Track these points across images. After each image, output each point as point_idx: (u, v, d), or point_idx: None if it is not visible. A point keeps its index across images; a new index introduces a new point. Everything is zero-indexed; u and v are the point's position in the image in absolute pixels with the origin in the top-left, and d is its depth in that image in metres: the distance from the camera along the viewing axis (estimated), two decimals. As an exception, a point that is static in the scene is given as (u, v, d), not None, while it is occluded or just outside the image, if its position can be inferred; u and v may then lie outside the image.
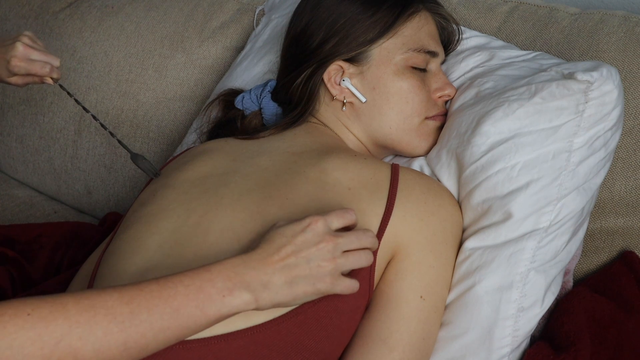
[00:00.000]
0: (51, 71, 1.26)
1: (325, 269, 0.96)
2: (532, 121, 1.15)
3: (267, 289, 0.93)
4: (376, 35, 1.23)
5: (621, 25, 1.37)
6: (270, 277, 0.94)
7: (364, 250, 1.00)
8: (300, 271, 0.95)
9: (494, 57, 1.31)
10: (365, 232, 1.00)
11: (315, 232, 0.97)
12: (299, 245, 0.96)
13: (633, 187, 1.30)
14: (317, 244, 0.96)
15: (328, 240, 0.97)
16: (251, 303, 0.93)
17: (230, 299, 0.92)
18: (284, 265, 0.95)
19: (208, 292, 0.91)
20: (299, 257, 0.95)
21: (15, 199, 1.83)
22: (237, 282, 0.92)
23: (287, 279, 0.94)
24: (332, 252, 0.97)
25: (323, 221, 0.98)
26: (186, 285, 0.91)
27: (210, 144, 1.27)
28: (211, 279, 0.92)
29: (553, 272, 1.14)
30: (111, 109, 1.75)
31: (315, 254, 0.96)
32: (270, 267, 0.94)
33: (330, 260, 0.96)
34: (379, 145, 1.26)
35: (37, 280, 1.42)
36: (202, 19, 1.72)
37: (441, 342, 1.13)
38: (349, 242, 0.98)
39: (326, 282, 0.96)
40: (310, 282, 0.96)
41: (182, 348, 0.98)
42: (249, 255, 0.95)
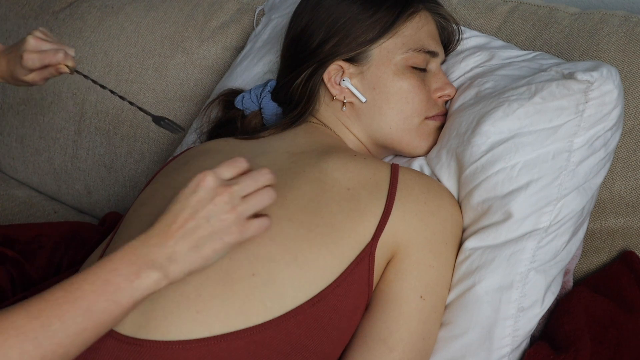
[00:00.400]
0: (65, 58, 1.21)
1: (228, 221, 0.94)
2: (532, 121, 1.15)
3: (174, 260, 0.92)
4: (376, 35, 1.23)
5: (621, 25, 1.37)
6: (173, 248, 0.92)
7: (264, 189, 0.97)
8: (202, 232, 0.93)
9: (494, 57, 1.31)
10: (259, 171, 0.97)
11: (206, 188, 0.94)
12: (194, 207, 0.93)
13: (633, 187, 1.30)
14: (212, 199, 0.93)
15: (222, 192, 0.94)
16: (162, 279, 0.92)
17: (139, 282, 0.91)
18: (185, 232, 0.93)
19: (115, 282, 0.90)
20: (197, 218, 0.93)
21: (15, 199, 1.83)
22: (142, 263, 0.91)
23: (191, 244, 0.93)
24: (229, 202, 0.94)
25: (212, 174, 0.94)
26: (91, 282, 0.90)
27: (210, 144, 1.27)
28: (115, 268, 0.91)
29: (553, 272, 1.14)
30: (111, 109, 1.75)
31: (213, 210, 0.93)
32: (171, 239, 0.93)
33: (230, 211, 0.94)
34: (379, 145, 1.26)
35: (36, 280, 1.42)
36: (202, 19, 1.72)
37: (441, 342, 1.13)
38: (245, 186, 0.95)
39: (234, 233, 0.94)
40: (217, 238, 0.94)
41: (181, 348, 0.98)
42: (147, 233, 0.94)
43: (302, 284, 1.04)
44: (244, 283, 1.02)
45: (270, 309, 1.01)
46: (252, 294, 1.02)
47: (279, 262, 1.04)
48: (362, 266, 1.08)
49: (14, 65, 1.24)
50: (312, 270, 1.05)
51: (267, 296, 1.02)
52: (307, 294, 1.04)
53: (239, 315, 1.01)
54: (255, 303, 1.01)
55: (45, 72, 1.24)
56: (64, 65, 1.22)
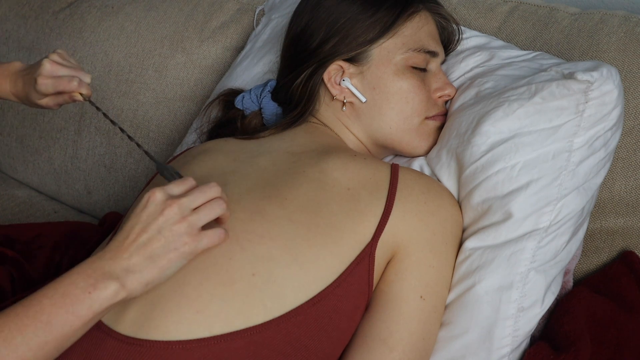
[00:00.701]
0: (79, 86, 1.19)
1: (179, 231, 0.96)
2: (532, 121, 1.15)
3: (131, 272, 0.94)
4: (376, 35, 1.23)
5: (621, 25, 1.37)
6: (128, 261, 0.94)
7: (214, 200, 0.99)
8: (155, 243, 0.95)
9: (494, 57, 1.31)
10: (207, 184, 0.99)
11: (156, 202, 0.96)
12: (145, 221, 0.96)
13: (633, 187, 1.30)
14: (162, 212, 0.96)
15: (171, 204, 0.96)
16: (120, 290, 0.94)
17: (97, 293, 0.92)
18: (138, 245, 0.95)
19: (73, 294, 0.92)
20: (149, 231, 0.95)
21: (15, 199, 1.83)
22: (98, 276, 0.93)
23: (145, 255, 0.95)
24: (179, 213, 0.96)
25: (160, 190, 0.97)
26: (50, 297, 0.92)
27: (210, 144, 1.27)
28: (72, 282, 0.93)
29: (553, 272, 1.14)
30: (111, 109, 1.75)
31: (163, 222, 0.95)
32: (126, 252, 0.95)
33: (180, 221, 0.96)
34: (379, 145, 1.26)
35: (36, 279, 1.42)
36: (202, 19, 1.72)
37: (441, 342, 1.13)
38: (193, 198, 0.97)
39: (187, 243, 0.96)
40: (171, 248, 0.96)
41: (182, 348, 0.98)
42: (103, 250, 0.96)
43: (302, 284, 1.04)
44: (244, 283, 1.02)
45: (270, 309, 1.01)
46: (252, 294, 1.02)
47: (279, 262, 1.04)
48: (362, 266, 1.08)
49: (29, 87, 1.22)
50: (312, 270, 1.05)
51: (267, 296, 1.02)
52: (307, 294, 1.04)
53: (239, 315, 1.01)
54: (256, 303, 1.01)
55: (59, 98, 1.22)
56: (79, 94, 1.20)
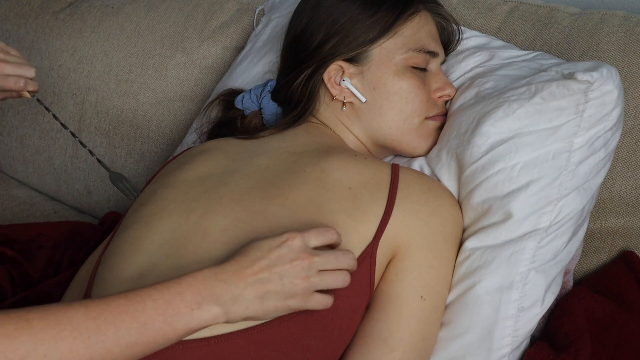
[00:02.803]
0: (26, 85, 1.18)
1: (298, 287, 0.96)
2: (532, 121, 1.15)
3: (238, 302, 0.93)
4: (376, 35, 1.23)
5: (621, 25, 1.37)
6: (241, 291, 0.93)
7: (341, 271, 0.99)
8: (272, 286, 0.94)
9: (494, 57, 1.31)
10: (344, 253, 0.99)
11: (291, 248, 0.96)
12: (273, 260, 0.95)
13: (633, 187, 1.30)
14: (291, 261, 0.95)
15: (303, 257, 0.96)
16: (221, 317, 0.92)
17: (199, 313, 0.91)
18: (256, 280, 0.94)
19: (177, 305, 0.90)
20: (272, 272, 0.94)
21: (15, 199, 1.83)
22: (207, 295, 0.92)
23: (258, 293, 0.94)
24: (306, 270, 0.96)
25: (300, 238, 0.97)
26: (155, 299, 0.90)
27: (210, 143, 1.27)
28: (180, 292, 0.91)
29: (553, 272, 1.14)
30: (111, 109, 1.75)
31: (288, 271, 0.95)
32: (242, 281, 0.94)
33: (303, 278, 0.96)
34: (379, 145, 1.26)
35: (36, 279, 1.42)
36: (202, 19, 1.72)
37: (441, 342, 1.13)
38: (325, 261, 0.97)
39: (297, 299, 0.96)
40: (282, 298, 0.95)
41: (182, 348, 0.98)
42: (221, 267, 0.94)
43: (303, 284, 1.04)
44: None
45: None
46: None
47: (281, 262, 1.04)
48: (364, 266, 1.08)
49: None
50: (313, 270, 1.05)
51: (268, 296, 1.02)
52: (308, 294, 1.04)
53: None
54: (257, 303, 1.01)
55: (6, 93, 1.21)
56: (27, 92, 1.19)
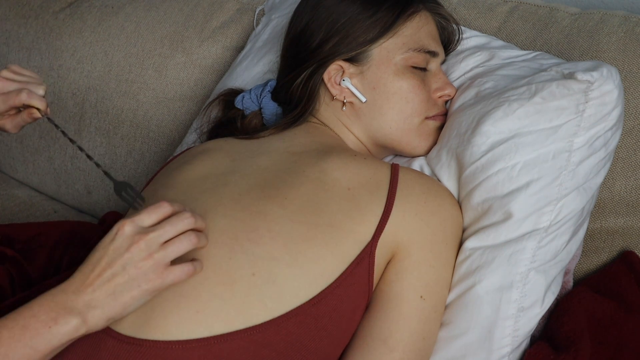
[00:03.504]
0: (29, 97, 1.12)
1: (144, 268, 0.94)
2: (532, 121, 1.15)
3: (93, 307, 0.93)
4: (376, 35, 1.23)
5: (621, 25, 1.37)
6: (91, 296, 0.94)
7: (185, 234, 0.96)
8: (119, 279, 0.94)
9: (494, 57, 1.31)
10: (179, 215, 0.97)
11: (124, 236, 0.95)
12: (111, 255, 0.94)
13: (633, 187, 1.30)
14: (128, 248, 0.94)
15: (138, 239, 0.94)
16: (80, 326, 0.93)
17: (57, 328, 0.92)
18: (102, 280, 0.94)
19: (33, 327, 0.91)
20: (113, 266, 0.94)
21: (15, 199, 1.83)
22: (60, 310, 0.92)
23: (108, 291, 0.94)
24: (146, 249, 0.94)
25: (130, 223, 0.95)
26: (10, 328, 0.91)
27: (210, 143, 1.27)
28: (34, 315, 0.92)
29: (553, 272, 1.14)
30: (111, 109, 1.75)
31: (129, 258, 0.94)
32: (89, 287, 0.94)
33: (146, 258, 0.94)
34: (379, 145, 1.26)
35: (36, 279, 1.41)
36: (202, 19, 1.72)
37: (441, 342, 1.13)
38: (162, 232, 0.95)
39: (152, 280, 0.95)
40: (135, 285, 0.94)
41: (181, 348, 0.98)
42: (67, 282, 0.95)
43: (303, 284, 1.04)
44: (244, 283, 1.02)
45: (270, 309, 1.01)
46: (253, 294, 1.02)
47: (280, 262, 1.04)
48: (363, 266, 1.08)
49: None
50: (312, 270, 1.05)
51: (267, 296, 1.02)
52: (307, 294, 1.04)
53: (239, 315, 1.01)
54: (256, 303, 1.01)
55: (18, 118, 1.15)
56: (36, 110, 1.14)
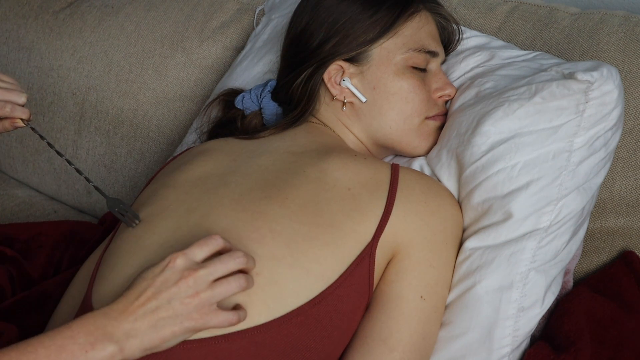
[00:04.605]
0: (13, 110, 1.11)
1: (189, 306, 0.93)
2: (532, 121, 1.15)
3: (132, 336, 0.92)
4: (376, 35, 1.23)
5: (621, 25, 1.37)
6: (132, 325, 0.92)
7: (235, 275, 0.96)
8: (163, 313, 0.93)
9: (494, 57, 1.31)
10: (231, 254, 0.96)
11: (174, 269, 0.94)
12: (158, 287, 0.93)
13: (633, 187, 1.30)
14: (176, 282, 0.93)
15: (187, 275, 0.94)
16: (116, 354, 0.92)
17: (93, 353, 0.91)
18: (146, 310, 0.93)
19: (70, 349, 0.90)
20: (159, 299, 0.93)
21: (15, 199, 1.83)
22: (99, 335, 0.91)
23: (150, 323, 0.93)
24: (193, 287, 0.93)
25: (182, 256, 0.95)
26: (46, 347, 0.90)
27: (210, 143, 1.27)
28: (72, 336, 0.91)
29: (553, 272, 1.14)
30: (111, 109, 1.74)
31: (175, 292, 0.93)
32: (132, 315, 0.93)
33: (192, 296, 0.93)
34: (379, 145, 1.26)
35: (36, 279, 1.41)
36: (202, 19, 1.72)
37: (441, 342, 1.13)
38: (212, 270, 0.94)
39: (194, 319, 0.94)
40: (177, 321, 0.93)
41: (182, 348, 0.98)
42: (110, 307, 0.94)
43: (304, 284, 1.04)
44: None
45: (272, 309, 1.01)
46: (255, 294, 1.01)
47: (282, 262, 1.04)
48: (363, 266, 1.08)
49: None
50: (313, 270, 1.05)
51: (269, 296, 1.02)
52: (308, 295, 1.04)
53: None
54: (258, 303, 1.01)
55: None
56: (19, 120, 1.12)
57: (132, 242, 1.10)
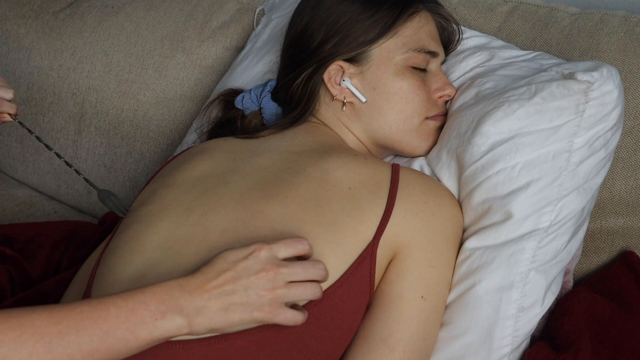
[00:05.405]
0: (0, 105, 1.14)
1: (264, 298, 0.94)
2: (532, 121, 1.15)
3: (201, 314, 0.93)
4: (376, 35, 1.23)
5: (621, 25, 1.37)
6: (205, 302, 0.93)
7: (311, 283, 0.97)
8: (237, 298, 0.94)
9: (494, 57, 1.31)
10: (314, 263, 0.98)
11: (257, 259, 0.95)
12: (238, 272, 0.94)
13: (633, 187, 1.30)
14: (257, 272, 0.94)
15: (269, 269, 0.95)
16: (184, 327, 0.92)
17: (163, 322, 0.91)
18: (221, 292, 0.94)
19: (140, 314, 0.90)
20: (237, 284, 0.94)
21: (15, 199, 1.83)
22: (171, 305, 0.92)
23: (222, 305, 0.93)
24: (272, 281, 0.95)
25: (268, 249, 0.96)
26: (118, 307, 0.90)
27: (209, 143, 1.27)
28: (145, 301, 0.91)
29: (553, 272, 1.14)
30: (111, 109, 1.75)
31: (254, 282, 0.94)
32: (206, 293, 0.93)
33: (269, 290, 0.94)
34: (379, 145, 1.26)
35: (36, 279, 1.41)
36: (202, 19, 1.72)
37: (441, 342, 1.13)
38: (293, 272, 0.96)
39: (264, 311, 0.95)
40: (248, 310, 0.94)
41: (182, 348, 0.98)
42: (187, 279, 0.94)
43: (304, 283, 1.04)
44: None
45: None
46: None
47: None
48: (364, 266, 1.08)
49: None
50: (314, 270, 1.05)
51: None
52: (309, 294, 1.04)
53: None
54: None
55: None
56: (7, 115, 1.16)
57: (131, 242, 1.10)
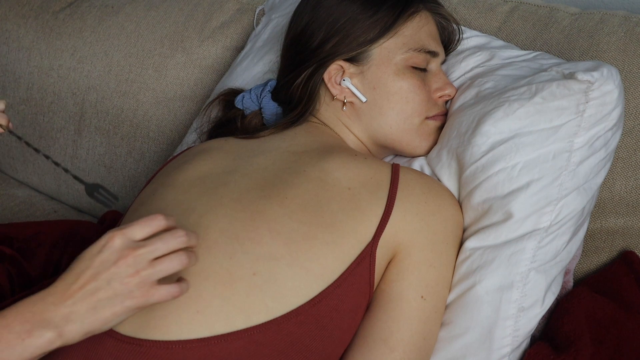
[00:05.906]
0: None
1: (130, 285, 0.91)
2: (532, 121, 1.15)
3: (71, 320, 0.91)
4: (376, 35, 1.23)
5: (621, 25, 1.37)
6: (71, 308, 0.91)
7: (176, 253, 0.93)
8: (102, 294, 0.91)
9: (494, 57, 1.31)
10: (172, 232, 0.93)
11: (112, 249, 0.92)
12: (97, 267, 0.91)
13: (633, 187, 1.30)
14: (115, 262, 0.91)
15: (126, 254, 0.91)
16: (55, 340, 0.90)
17: (31, 341, 0.89)
18: (84, 292, 0.91)
19: (6, 338, 0.89)
20: (98, 279, 0.91)
21: (15, 199, 1.83)
22: (36, 322, 0.90)
23: (89, 305, 0.91)
24: (133, 265, 0.91)
25: (120, 235, 0.92)
26: None
27: (209, 143, 1.26)
28: (7, 325, 0.89)
29: (553, 272, 1.14)
30: (111, 108, 1.74)
31: (115, 272, 0.91)
32: (70, 298, 0.91)
33: (133, 275, 0.91)
34: (380, 145, 1.26)
35: (35, 278, 1.41)
36: (202, 18, 1.72)
37: (441, 342, 1.13)
38: (152, 249, 0.92)
39: (136, 297, 0.91)
40: (117, 301, 0.91)
41: (181, 348, 0.98)
42: (48, 291, 0.92)
43: (304, 283, 1.04)
44: (244, 282, 1.02)
45: (271, 309, 1.01)
46: (253, 294, 1.01)
47: (280, 262, 1.04)
48: (363, 266, 1.08)
49: None
50: (313, 269, 1.05)
51: (268, 296, 1.02)
52: (308, 294, 1.04)
53: (240, 314, 1.01)
54: (256, 302, 1.01)
55: None
56: None
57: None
